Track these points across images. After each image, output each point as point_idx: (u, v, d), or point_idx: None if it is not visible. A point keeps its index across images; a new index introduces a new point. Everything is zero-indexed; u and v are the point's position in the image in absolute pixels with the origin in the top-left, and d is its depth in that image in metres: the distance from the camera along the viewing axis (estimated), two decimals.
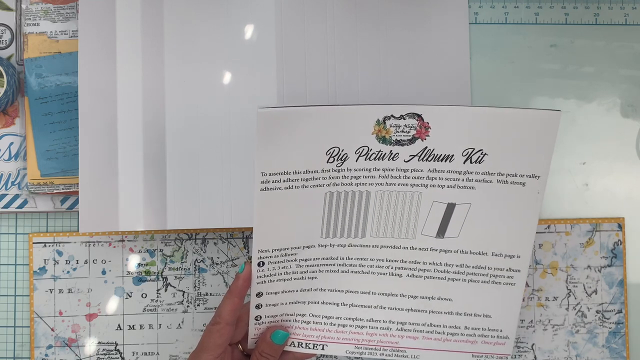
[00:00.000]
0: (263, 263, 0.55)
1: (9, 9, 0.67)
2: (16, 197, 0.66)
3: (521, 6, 0.70)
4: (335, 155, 0.53)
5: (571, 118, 0.70)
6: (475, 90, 0.69)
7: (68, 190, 0.66)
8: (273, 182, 0.52)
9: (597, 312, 0.69)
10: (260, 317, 0.56)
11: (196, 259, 0.68)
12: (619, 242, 0.69)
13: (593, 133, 0.70)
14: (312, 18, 0.66)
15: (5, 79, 0.64)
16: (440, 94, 0.67)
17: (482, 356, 0.58)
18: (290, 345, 0.58)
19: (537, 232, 0.69)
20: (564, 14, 0.70)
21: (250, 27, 0.66)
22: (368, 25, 0.67)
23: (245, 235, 0.68)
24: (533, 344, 0.69)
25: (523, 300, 0.57)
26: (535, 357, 0.69)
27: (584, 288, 0.69)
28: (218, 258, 0.68)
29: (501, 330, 0.57)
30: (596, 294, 0.69)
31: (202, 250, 0.68)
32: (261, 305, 0.56)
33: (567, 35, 0.70)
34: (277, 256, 0.55)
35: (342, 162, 0.53)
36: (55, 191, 0.66)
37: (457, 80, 0.68)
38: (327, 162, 0.53)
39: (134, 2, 0.65)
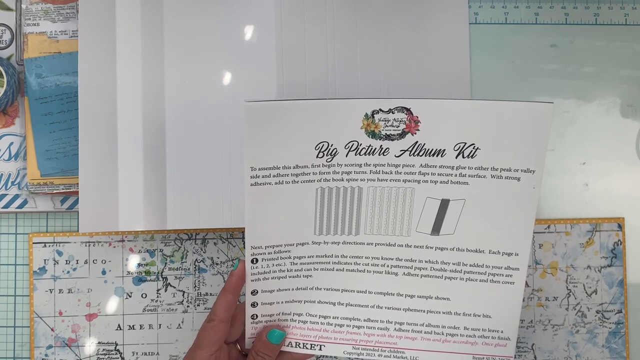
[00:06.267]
0: (256, 260, 0.55)
1: (9, 9, 0.67)
2: (16, 197, 0.66)
3: (521, 6, 0.70)
4: (325, 150, 0.52)
5: (571, 118, 0.70)
6: (475, 90, 0.69)
7: (68, 190, 0.66)
8: (263, 177, 0.52)
9: (597, 312, 0.69)
10: (257, 315, 0.56)
11: (196, 259, 0.68)
12: (619, 242, 0.69)
13: (593, 133, 0.70)
14: (312, 18, 0.66)
15: (5, 79, 0.64)
16: (440, 94, 0.67)
17: (483, 358, 0.57)
18: (287, 346, 0.57)
19: (537, 232, 0.69)
20: (564, 14, 0.70)
21: (250, 27, 0.66)
22: (368, 25, 0.67)
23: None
24: (533, 344, 0.69)
25: (523, 300, 0.56)
26: (535, 357, 0.69)
27: (584, 288, 0.69)
28: (218, 258, 0.68)
29: (502, 331, 0.57)
30: (596, 294, 0.69)
31: (202, 250, 0.68)
32: (257, 304, 0.56)
33: (567, 35, 0.70)
34: (271, 253, 0.55)
35: (332, 157, 0.53)
36: (55, 191, 0.66)
37: (457, 80, 0.68)
38: (317, 157, 0.53)
39: (134, 2, 0.65)
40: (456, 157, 0.53)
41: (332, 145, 0.52)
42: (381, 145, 0.52)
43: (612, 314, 0.69)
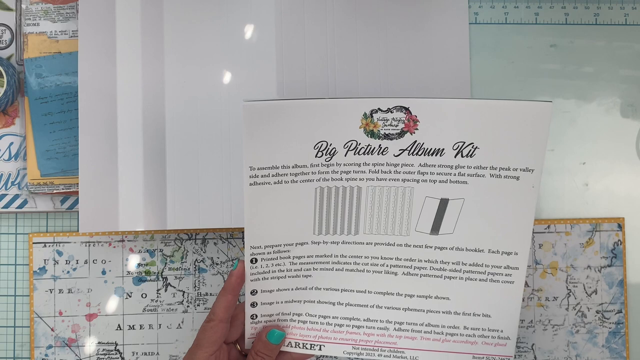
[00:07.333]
0: (256, 260, 0.54)
1: (9, 9, 0.67)
2: (16, 197, 0.66)
3: (521, 6, 0.70)
4: (324, 150, 0.52)
5: (571, 118, 0.70)
6: (475, 90, 0.69)
7: (68, 190, 0.66)
8: (262, 176, 0.52)
9: (597, 312, 0.69)
10: (256, 315, 0.56)
11: (196, 259, 0.68)
12: (619, 242, 0.69)
13: (593, 133, 0.70)
14: (312, 18, 0.66)
15: (5, 79, 0.64)
16: (440, 94, 0.67)
17: (483, 357, 0.57)
18: (287, 346, 0.57)
19: (537, 232, 0.69)
20: (564, 14, 0.70)
21: (250, 27, 0.66)
22: (368, 25, 0.67)
23: None
24: (533, 344, 0.69)
25: (523, 300, 0.56)
26: (535, 357, 0.69)
27: (584, 288, 0.69)
28: (218, 258, 0.68)
29: (502, 331, 0.57)
30: (596, 294, 0.69)
31: (202, 250, 0.68)
32: (256, 304, 0.56)
33: (567, 35, 0.70)
34: (270, 253, 0.55)
35: (331, 157, 0.53)
36: (55, 191, 0.66)
37: (457, 80, 0.68)
38: (316, 156, 0.53)
39: (134, 2, 0.65)
40: (455, 157, 0.53)
41: (331, 144, 0.52)
42: (380, 145, 0.52)
43: (612, 314, 0.69)
